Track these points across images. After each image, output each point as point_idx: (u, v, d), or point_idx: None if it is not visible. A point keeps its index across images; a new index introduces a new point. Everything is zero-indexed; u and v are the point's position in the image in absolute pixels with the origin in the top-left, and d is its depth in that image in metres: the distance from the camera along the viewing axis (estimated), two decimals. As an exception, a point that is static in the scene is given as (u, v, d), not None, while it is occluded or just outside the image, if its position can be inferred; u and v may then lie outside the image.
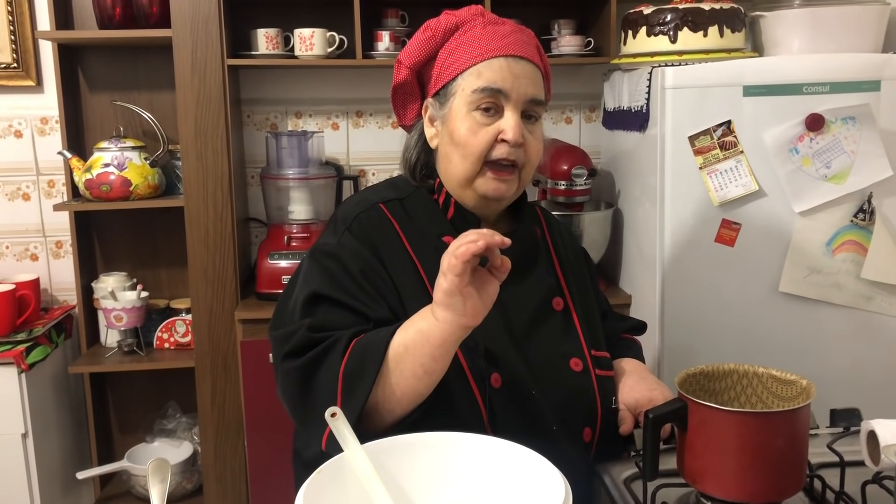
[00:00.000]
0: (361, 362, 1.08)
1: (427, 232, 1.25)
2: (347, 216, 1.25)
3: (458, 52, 1.21)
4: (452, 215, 1.26)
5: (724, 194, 1.95)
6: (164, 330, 2.41)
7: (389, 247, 1.22)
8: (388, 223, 1.24)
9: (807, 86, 1.92)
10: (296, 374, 1.14)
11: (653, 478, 1.06)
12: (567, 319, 1.29)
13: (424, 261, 1.22)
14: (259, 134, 2.53)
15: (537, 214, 1.41)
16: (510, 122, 1.18)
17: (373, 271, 1.19)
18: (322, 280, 1.18)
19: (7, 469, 2.16)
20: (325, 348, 1.12)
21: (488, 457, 0.99)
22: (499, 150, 1.19)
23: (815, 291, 2.00)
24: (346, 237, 1.22)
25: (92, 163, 2.27)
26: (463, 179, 1.22)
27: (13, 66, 2.39)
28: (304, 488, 0.89)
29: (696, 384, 1.12)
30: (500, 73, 1.18)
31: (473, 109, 1.19)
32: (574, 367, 1.25)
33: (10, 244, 2.51)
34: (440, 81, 1.23)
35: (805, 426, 1.02)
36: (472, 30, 1.22)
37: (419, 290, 1.20)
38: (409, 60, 1.26)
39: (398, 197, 1.29)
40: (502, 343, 1.21)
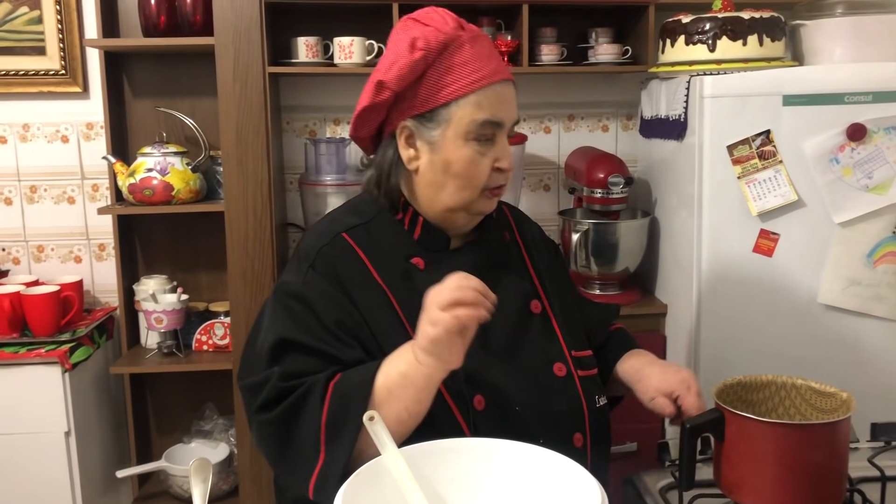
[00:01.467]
0: (344, 409, 1.05)
1: (394, 255, 1.21)
2: (310, 251, 1.20)
3: (449, 76, 1.15)
4: (420, 235, 1.23)
5: (762, 204, 1.93)
6: (203, 332, 2.45)
7: (356, 279, 1.18)
8: (352, 253, 1.20)
9: (848, 95, 1.90)
10: (272, 427, 1.10)
11: (689, 488, 1.06)
12: (546, 322, 1.26)
13: (393, 287, 1.18)
14: (298, 140, 2.56)
15: (505, 215, 1.37)
16: (505, 150, 1.18)
17: (340, 310, 1.14)
18: (288, 324, 1.14)
19: (51, 466, 2.21)
20: (301, 395, 1.08)
21: (524, 464, 1.00)
22: (496, 179, 1.19)
23: (856, 303, 1.97)
24: (311, 275, 1.17)
25: (135, 167, 2.32)
26: (456, 206, 1.20)
27: (61, 73, 2.45)
28: (342, 491, 0.91)
29: (734, 395, 1.12)
30: (497, 103, 1.16)
31: (471, 139, 1.16)
32: (558, 373, 1.22)
33: (56, 246, 2.57)
34: (429, 104, 1.16)
35: (845, 439, 1.02)
36: (461, 50, 1.16)
37: (391, 318, 1.16)
38: (398, 84, 1.16)
39: (362, 222, 1.24)
40: (484, 361, 1.17)
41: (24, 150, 2.51)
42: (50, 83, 2.46)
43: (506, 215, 1.37)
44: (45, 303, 2.25)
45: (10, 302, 2.22)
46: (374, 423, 0.99)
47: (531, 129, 2.60)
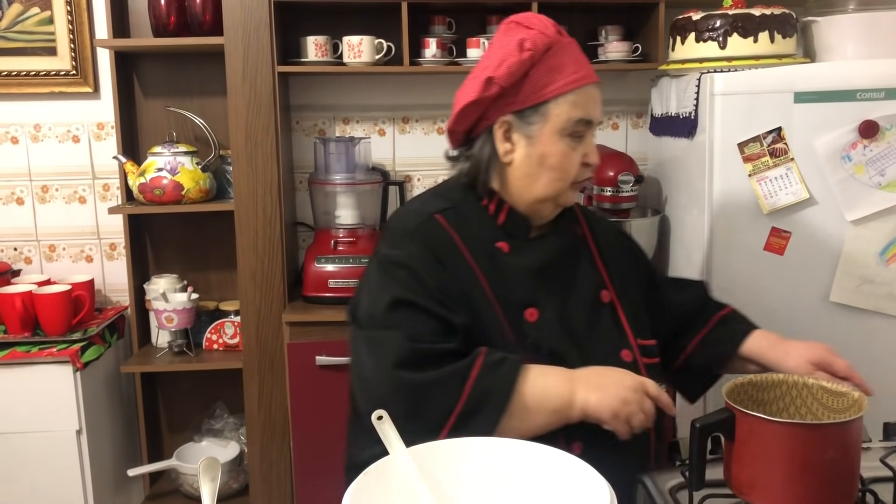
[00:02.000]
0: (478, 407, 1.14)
1: (482, 239, 1.29)
2: (408, 227, 1.29)
3: (551, 75, 1.24)
4: (504, 221, 1.31)
5: (773, 202, 1.92)
6: (213, 331, 2.46)
7: (451, 257, 1.26)
8: (446, 234, 1.28)
9: (861, 92, 1.88)
10: (409, 390, 1.16)
11: (699, 488, 1.05)
12: (614, 312, 1.35)
13: (483, 268, 1.27)
14: (307, 140, 2.56)
15: (575, 212, 1.44)
16: (593, 146, 1.29)
17: (442, 279, 1.23)
18: (397, 288, 1.21)
19: (63, 464, 2.22)
20: (443, 376, 1.16)
21: (533, 463, 0.99)
22: (584, 173, 1.30)
23: (868, 302, 1.95)
24: (413, 247, 1.25)
25: (146, 167, 2.33)
26: (548, 197, 1.29)
27: (72, 74, 2.47)
28: (350, 490, 0.90)
29: (745, 394, 1.11)
30: (591, 103, 1.27)
31: (566, 135, 1.25)
32: (625, 359, 1.30)
33: (67, 246, 2.58)
34: (530, 101, 1.25)
35: (857, 439, 1.01)
36: (560, 52, 1.25)
37: (480, 295, 1.25)
38: (507, 81, 1.24)
39: (452, 206, 1.33)
40: (563, 340, 1.27)
41: (35, 151, 2.53)
42: (61, 83, 2.47)
43: (575, 212, 1.44)
44: (57, 302, 2.26)
45: (23, 301, 2.24)
46: (383, 422, 0.99)
47: (541, 128, 2.60)
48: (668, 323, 1.48)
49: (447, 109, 2.57)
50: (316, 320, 2.19)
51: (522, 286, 1.28)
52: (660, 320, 1.46)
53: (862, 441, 1.04)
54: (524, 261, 1.29)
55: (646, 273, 1.52)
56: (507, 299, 1.26)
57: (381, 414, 1.00)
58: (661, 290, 1.52)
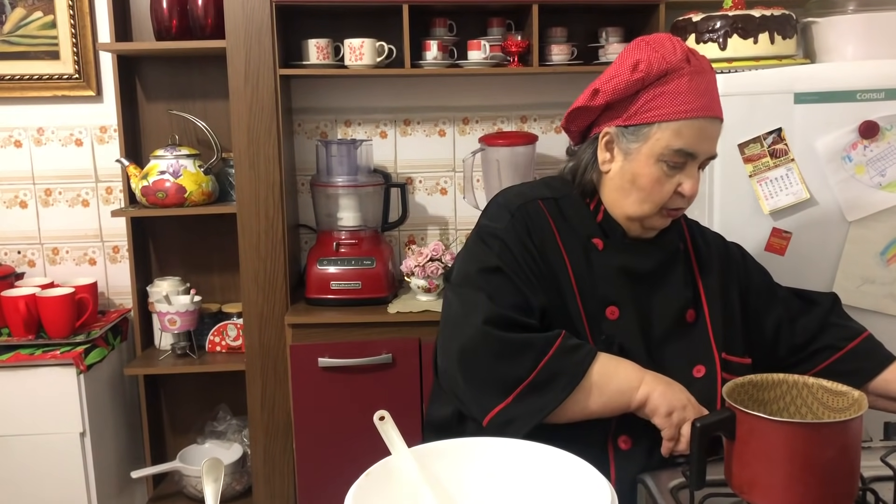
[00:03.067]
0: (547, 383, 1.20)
1: (578, 232, 1.33)
2: (512, 204, 1.34)
3: (661, 99, 1.24)
4: (602, 220, 1.34)
5: (774, 202, 1.92)
6: (216, 333, 2.46)
7: (545, 241, 1.31)
8: (544, 219, 1.33)
9: (861, 92, 1.88)
10: (492, 345, 1.22)
11: (699, 487, 1.05)
12: (699, 328, 1.34)
13: (573, 258, 1.31)
14: (309, 142, 2.57)
15: (680, 223, 1.43)
16: (692, 177, 1.26)
17: (533, 260, 1.28)
18: (491, 256, 1.28)
19: (66, 466, 2.23)
20: (525, 342, 1.21)
21: (535, 463, 1.00)
22: (676, 202, 1.28)
23: (869, 302, 1.96)
24: (511, 223, 1.30)
25: (148, 170, 2.34)
26: (634, 216, 1.30)
27: (75, 77, 2.48)
28: (352, 490, 0.91)
29: (745, 394, 1.12)
30: (698, 137, 1.24)
31: (662, 161, 1.25)
32: (695, 374, 1.30)
33: (70, 249, 2.59)
34: (635, 119, 1.26)
35: (857, 438, 1.01)
36: (680, 79, 1.23)
37: (565, 284, 1.29)
38: (611, 96, 1.26)
39: (553, 196, 1.36)
40: (637, 343, 1.29)
41: (38, 154, 2.54)
42: (64, 87, 2.48)
43: (682, 226, 1.43)
44: (60, 305, 2.27)
45: (26, 304, 2.24)
46: (385, 422, 1.00)
47: (542, 129, 2.60)
48: (782, 348, 1.43)
49: (448, 111, 2.59)
50: (318, 322, 2.19)
51: (608, 284, 1.30)
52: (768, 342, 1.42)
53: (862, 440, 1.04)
54: (616, 261, 1.31)
55: (756, 287, 1.45)
56: (591, 293, 1.29)
57: (382, 415, 1.00)
58: (779, 310, 1.44)
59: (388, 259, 2.36)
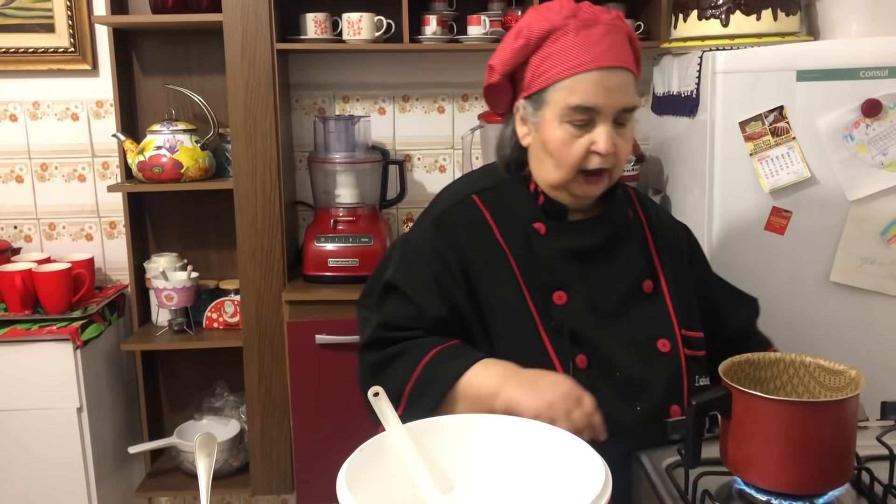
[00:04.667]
0: (425, 390, 1.20)
1: (518, 219, 1.31)
2: (437, 209, 1.34)
3: (550, 61, 1.21)
4: (543, 203, 1.31)
5: (774, 181, 1.91)
6: (214, 310, 2.46)
7: (478, 240, 1.29)
8: (478, 215, 1.31)
9: (864, 70, 1.86)
10: (369, 368, 1.27)
11: (695, 465, 1.05)
12: (658, 301, 1.32)
13: (514, 248, 1.28)
14: (307, 118, 2.55)
15: (631, 197, 1.42)
16: (602, 135, 1.21)
17: (443, 268, 1.27)
18: (396, 270, 1.30)
19: (63, 442, 2.23)
20: (396, 353, 1.24)
21: (529, 440, 0.99)
22: (591, 162, 1.23)
23: (869, 282, 1.95)
24: (429, 231, 1.30)
25: (145, 145, 2.32)
26: (555, 183, 1.27)
27: (70, 51, 2.45)
28: (345, 466, 0.91)
29: (742, 372, 1.11)
30: (593, 90, 1.19)
31: (566, 122, 1.22)
32: (661, 348, 1.28)
33: (67, 224, 2.58)
34: (532, 87, 1.24)
35: (853, 417, 1.01)
36: (565, 37, 1.20)
37: (507, 277, 1.27)
38: (503, 68, 1.26)
39: (493, 185, 1.35)
40: (589, 324, 1.26)
41: (34, 128, 2.52)
42: (59, 61, 2.46)
43: (630, 196, 1.41)
44: (57, 280, 2.26)
45: (23, 279, 2.24)
46: (379, 398, 0.99)
47: (542, 107, 2.58)
48: (715, 337, 1.41)
49: (447, 88, 2.56)
50: (315, 299, 2.19)
51: (554, 269, 1.28)
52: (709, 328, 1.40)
53: (858, 419, 1.03)
54: (561, 243, 1.28)
55: (702, 275, 1.46)
56: (537, 281, 1.27)
57: (377, 391, 1.00)
58: (714, 295, 1.45)
59: (386, 236, 2.35)
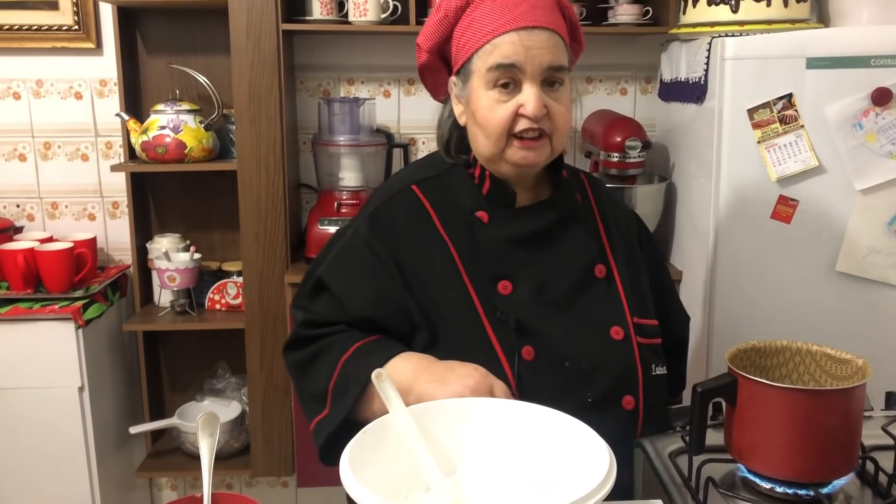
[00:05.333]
0: (345, 386, 1.17)
1: (461, 208, 1.26)
2: (374, 203, 1.29)
3: (470, 30, 1.19)
4: (488, 189, 1.26)
5: (782, 170, 1.90)
6: (216, 291, 2.45)
7: (417, 232, 1.24)
8: (418, 206, 1.26)
9: (875, 58, 1.84)
10: (293, 368, 1.28)
11: (699, 452, 1.05)
12: (610, 287, 1.28)
13: (455, 238, 1.24)
14: (311, 100, 2.54)
15: (581, 181, 1.38)
16: (528, 95, 1.17)
17: (378, 267, 1.23)
18: (329, 266, 1.28)
19: (64, 421, 2.23)
20: (317, 351, 1.23)
21: (533, 424, 0.99)
22: (521, 125, 1.18)
23: (874, 272, 1.94)
24: (365, 227, 1.26)
25: (148, 125, 2.31)
26: (491, 155, 1.22)
27: (74, 29, 2.43)
28: (348, 448, 0.90)
29: (747, 360, 1.11)
30: (513, 48, 1.16)
31: (491, 88, 1.18)
32: (614, 336, 1.24)
33: (69, 203, 2.57)
34: (458, 61, 1.23)
35: (859, 406, 1.00)
36: (483, 4, 1.19)
37: (449, 268, 1.22)
38: (427, 44, 1.25)
39: (435, 174, 1.30)
40: (537, 313, 1.21)
41: (37, 107, 2.50)
42: (63, 39, 2.44)
43: (582, 180, 1.38)
44: (59, 259, 2.25)
45: (25, 258, 2.23)
46: (382, 380, 0.99)
47: (548, 92, 2.56)
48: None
49: (453, 71, 2.54)
50: (318, 282, 2.18)
51: (498, 258, 1.23)
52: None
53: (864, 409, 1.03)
54: (505, 231, 1.24)
55: (655, 265, 1.43)
56: (480, 271, 1.22)
57: (380, 373, 0.99)
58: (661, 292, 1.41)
59: (390, 220, 2.34)
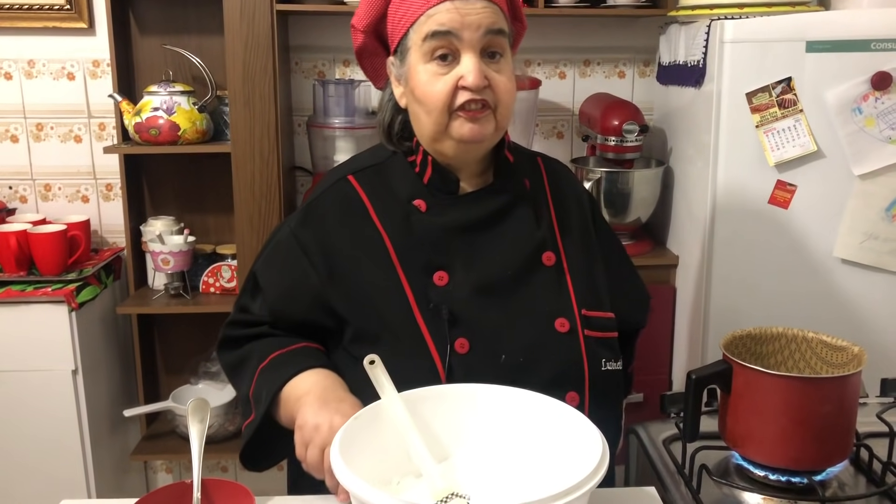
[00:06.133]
0: (259, 395, 1.18)
1: (398, 197, 1.21)
2: (311, 196, 1.27)
3: (404, 4, 1.14)
4: (430, 176, 1.21)
5: (780, 154, 1.88)
6: (210, 275, 2.44)
7: (351, 224, 1.20)
8: (353, 197, 1.22)
9: (875, 42, 1.83)
10: (226, 370, 1.31)
11: (693, 439, 1.04)
12: (559, 276, 1.21)
13: (391, 229, 1.19)
14: (306, 82, 2.51)
15: (537, 164, 1.33)
16: (468, 65, 1.11)
17: (300, 261, 1.21)
18: (263, 264, 1.27)
19: (58, 403, 2.23)
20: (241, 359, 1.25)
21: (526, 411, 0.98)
22: (462, 97, 1.12)
23: (872, 258, 1.93)
24: (295, 221, 1.23)
25: (141, 106, 2.28)
26: (434, 133, 1.16)
27: (66, 8, 2.40)
28: (339, 434, 0.90)
29: (743, 347, 1.10)
30: (448, 16, 1.10)
31: (428, 61, 1.13)
32: (559, 328, 1.17)
33: (63, 185, 2.55)
34: (394, 39, 1.18)
35: (854, 394, 1.00)
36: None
37: (384, 260, 1.18)
38: (362, 23, 1.20)
39: (375, 163, 1.25)
40: (474, 304, 1.15)
41: (29, 87, 2.48)
42: (55, 18, 2.41)
43: (538, 165, 1.32)
44: (52, 241, 2.24)
45: (17, 240, 2.22)
46: (375, 366, 0.98)
47: (545, 74, 2.54)
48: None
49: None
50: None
51: (435, 248, 1.18)
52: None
53: (859, 396, 1.02)
54: (443, 220, 1.18)
55: (611, 252, 1.34)
56: (415, 262, 1.17)
57: (372, 359, 0.98)
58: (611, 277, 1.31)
59: (385, 203, 2.32)
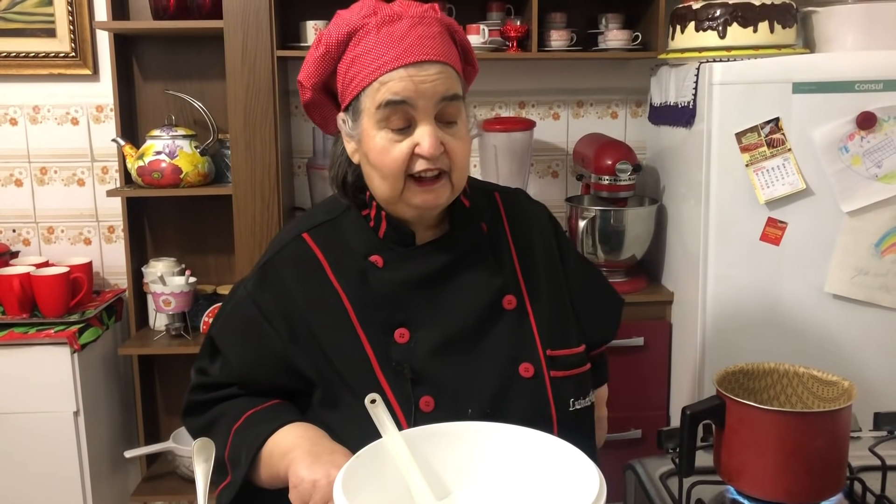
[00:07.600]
0: (237, 456, 1.15)
1: (355, 254, 1.18)
2: (266, 256, 1.22)
3: (355, 66, 1.10)
4: (385, 231, 1.17)
5: (770, 192, 1.92)
6: (211, 315, 2.46)
7: (308, 284, 1.17)
8: (309, 256, 1.18)
9: (859, 83, 1.88)
10: (195, 435, 1.22)
11: (688, 474, 1.06)
12: (521, 319, 1.19)
13: (348, 287, 1.16)
14: (306, 125, 2.56)
15: (495, 202, 1.28)
16: (423, 133, 1.08)
17: (260, 325, 1.17)
18: (221, 327, 1.24)
19: (59, 445, 2.23)
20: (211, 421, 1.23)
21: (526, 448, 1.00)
22: (418, 165, 1.09)
23: (863, 293, 1.96)
24: (252, 284, 1.19)
25: (144, 150, 2.33)
26: (390, 198, 1.13)
27: (71, 56, 2.46)
28: (342, 473, 0.91)
29: (735, 382, 1.12)
30: (402, 84, 1.07)
31: (382, 128, 1.09)
32: (524, 374, 1.15)
33: (65, 228, 2.59)
34: (345, 98, 1.13)
35: (846, 428, 1.02)
36: (367, 37, 1.09)
37: (342, 320, 1.15)
38: (310, 81, 1.15)
39: (329, 218, 1.21)
40: (437, 360, 1.13)
41: (34, 132, 2.52)
42: (60, 65, 2.47)
43: (495, 202, 1.28)
44: (55, 284, 2.26)
45: (21, 282, 2.24)
46: (376, 405, 1.00)
47: (540, 116, 2.59)
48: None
49: (446, 96, 2.57)
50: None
51: (393, 304, 1.15)
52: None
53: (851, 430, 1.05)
54: (400, 275, 1.15)
55: (576, 270, 1.31)
56: (374, 321, 1.14)
57: (374, 398, 1.00)
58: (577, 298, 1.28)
59: (384, 243, 2.35)
